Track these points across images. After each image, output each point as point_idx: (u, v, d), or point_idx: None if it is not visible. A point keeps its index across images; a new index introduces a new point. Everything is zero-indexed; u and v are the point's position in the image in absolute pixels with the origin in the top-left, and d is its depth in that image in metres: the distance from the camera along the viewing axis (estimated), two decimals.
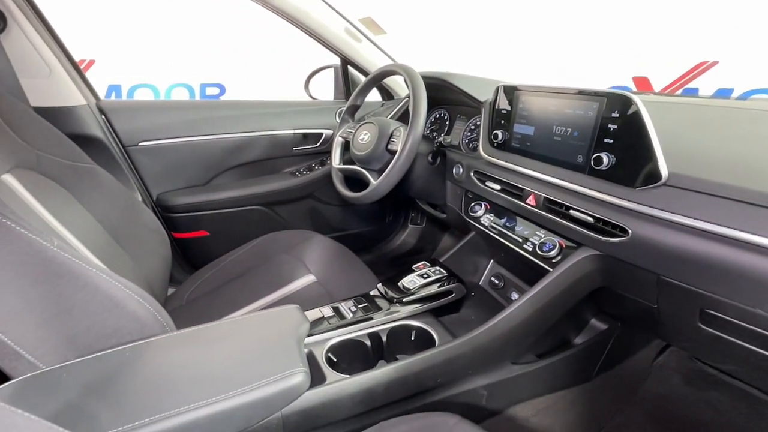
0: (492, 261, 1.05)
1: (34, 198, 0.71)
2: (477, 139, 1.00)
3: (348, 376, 0.61)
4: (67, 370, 0.53)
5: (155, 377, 0.51)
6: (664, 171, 0.56)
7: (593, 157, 0.64)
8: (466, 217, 0.99)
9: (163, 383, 0.50)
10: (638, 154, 0.59)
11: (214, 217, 1.32)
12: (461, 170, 1.00)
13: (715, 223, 0.50)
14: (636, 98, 0.59)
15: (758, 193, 0.47)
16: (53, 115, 0.95)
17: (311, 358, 0.64)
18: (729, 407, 0.91)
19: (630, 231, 0.59)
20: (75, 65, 1.12)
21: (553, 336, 0.87)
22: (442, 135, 1.12)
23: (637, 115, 0.59)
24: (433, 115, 1.28)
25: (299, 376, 0.52)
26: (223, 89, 3.70)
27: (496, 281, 1.00)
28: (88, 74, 1.16)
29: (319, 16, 1.24)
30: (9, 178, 0.68)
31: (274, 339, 0.59)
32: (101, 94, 1.21)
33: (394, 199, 1.56)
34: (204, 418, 0.46)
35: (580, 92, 0.67)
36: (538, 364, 0.82)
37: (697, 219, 0.52)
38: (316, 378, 0.60)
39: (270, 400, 0.50)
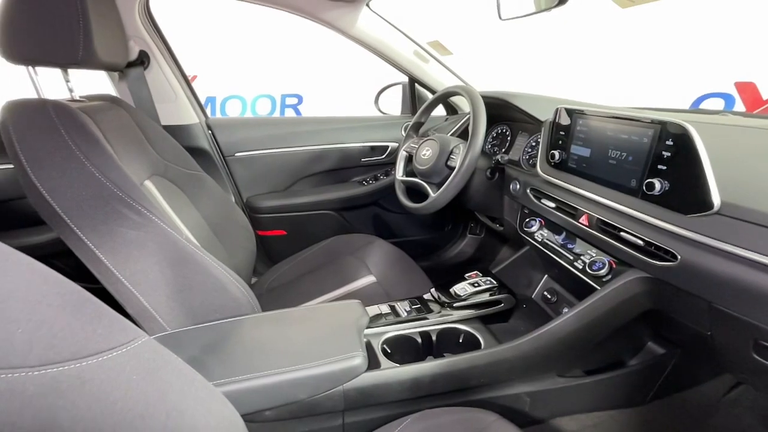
0: (546, 276, 1.07)
1: (163, 199, 0.91)
2: (536, 156, 1.03)
3: (399, 365, 0.70)
4: (185, 333, 0.69)
5: (249, 345, 0.65)
6: (716, 200, 0.57)
7: (646, 182, 0.66)
8: (520, 232, 1.03)
9: (255, 351, 0.63)
10: (691, 183, 0.60)
11: (291, 218, 1.50)
12: (518, 186, 1.05)
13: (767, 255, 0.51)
14: (690, 128, 0.60)
15: None
16: (175, 132, 1.18)
17: (369, 347, 0.74)
18: None
19: (679, 256, 0.61)
20: (192, 91, 1.37)
21: (603, 354, 0.87)
22: (500, 153, 1.17)
23: (690, 143, 0.60)
24: (495, 130, 1.33)
25: (358, 358, 0.63)
26: (300, 99, 4.05)
27: (549, 296, 1.02)
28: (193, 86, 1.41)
29: (390, 40, 1.36)
30: (149, 184, 0.89)
31: (340, 327, 0.70)
32: None
33: (454, 209, 1.63)
34: (284, 382, 0.58)
35: (636, 119, 0.70)
36: (585, 379, 0.84)
37: (749, 250, 0.53)
38: (373, 363, 0.70)
39: (334, 375, 0.61)
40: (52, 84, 0.76)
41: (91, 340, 0.35)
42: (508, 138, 1.27)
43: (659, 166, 0.65)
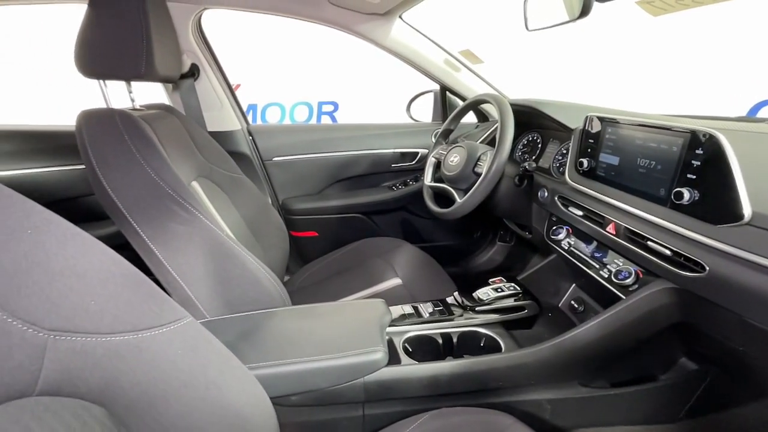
0: (574, 285, 1.06)
1: (207, 199, 0.99)
2: (566, 164, 1.03)
3: (418, 362, 0.72)
4: (223, 321, 0.75)
5: (279, 335, 0.70)
6: (747, 210, 0.56)
7: (675, 191, 0.65)
8: (547, 239, 1.02)
9: (285, 340, 0.68)
10: (721, 192, 0.59)
11: (323, 220, 1.56)
12: (546, 194, 1.04)
13: None
14: (721, 136, 0.59)
15: None
16: (220, 137, 1.28)
17: (391, 344, 0.78)
18: None
19: (707, 267, 0.60)
20: (236, 100, 1.48)
21: (631, 367, 0.85)
22: (528, 160, 1.17)
23: (721, 152, 0.59)
24: (526, 138, 1.33)
25: (379, 353, 0.66)
26: (336, 106, 4.18)
27: (576, 305, 1.01)
28: (236, 94, 1.51)
29: (422, 50, 1.40)
30: (195, 184, 0.97)
31: (363, 323, 0.74)
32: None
33: (483, 216, 1.63)
34: (309, 370, 0.63)
35: (666, 127, 0.69)
36: (611, 391, 0.82)
37: None
38: (393, 359, 0.73)
39: (356, 367, 0.65)
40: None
41: (147, 316, 0.41)
42: (539, 145, 1.27)
43: (689, 175, 0.64)
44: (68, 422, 0.33)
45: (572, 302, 1.03)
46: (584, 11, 0.80)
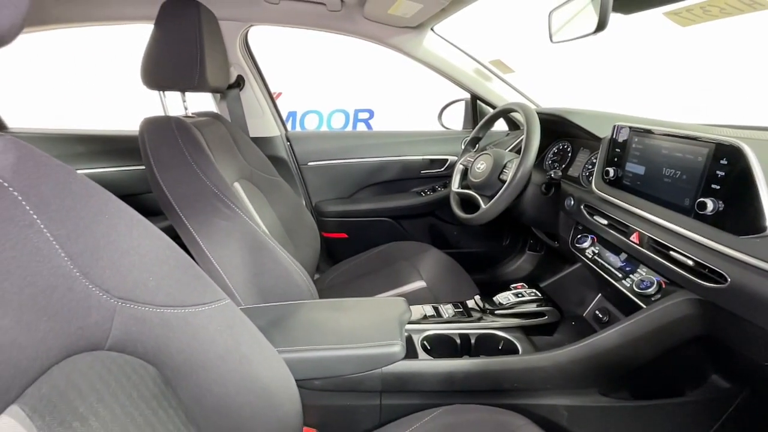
0: (600, 295, 1.05)
1: (247, 199, 1.08)
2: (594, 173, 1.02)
3: (434, 358, 0.76)
4: (256, 309, 0.82)
5: (306, 324, 0.76)
6: None
7: (698, 201, 0.65)
8: (572, 247, 1.02)
9: (311, 329, 0.74)
10: (744, 203, 0.58)
11: (353, 223, 1.63)
12: (572, 202, 1.04)
13: None
14: (746, 147, 0.59)
15: None
16: (260, 142, 1.38)
17: (410, 340, 0.81)
18: None
19: (729, 278, 0.59)
20: (276, 108, 1.58)
21: (656, 380, 0.84)
22: (554, 169, 1.17)
23: (746, 163, 0.58)
24: (557, 146, 1.33)
25: (397, 347, 0.70)
26: (372, 113, 4.29)
27: (601, 315, 1.00)
28: (277, 102, 1.62)
29: (453, 60, 1.44)
30: (237, 185, 1.07)
31: (384, 318, 0.78)
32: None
33: (512, 224, 1.62)
34: (332, 357, 0.68)
35: (691, 137, 0.69)
36: (632, 402, 0.81)
37: None
38: (411, 354, 0.76)
39: (374, 358, 0.70)
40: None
41: (193, 295, 0.48)
42: (569, 154, 1.26)
43: (713, 186, 0.64)
44: (129, 375, 0.40)
45: (597, 312, 1.01)
46: (600, 26, 0.82)
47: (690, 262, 0.66)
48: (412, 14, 1.17)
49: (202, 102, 1.30)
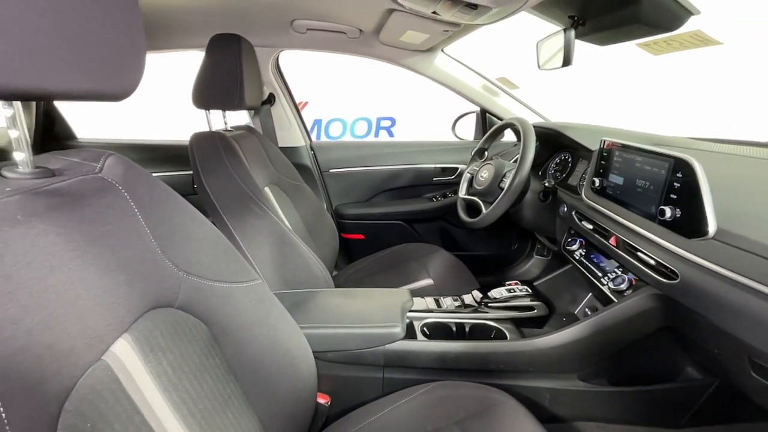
0: (590, 294, 1.14)
1: (275, 201, 1.24)
2: None
3: (429, 340, 0.88)
4: (280, 294, 0.97)
5: (323, 307, 0.90)
6: (712, 227, 0.64)
7: (660, 208, 0.75)
8: (563, 249, 1.12)
9: (326, 310, 0.88)
10: (693, 210, 0.68)
11: (369, 225, 1.77)
12: (566, 209, 1.14)
13: (753, 280, 0.58)
14: (695, 162, 0.69)
15: None
16: (287, 152, 1.55)
17: (411, 326, 0.94)
18: None
19: (680, 275, 0.69)
20: (302, 120, 1.76)
21: (630, 368, 0.92)
22: (555, 178, 1.27)
23: (694, 177, 0.68)
24: (559, 157, 1.42)
25: (397, 328, 0.83)
26: (393, 121, 4.44)
27: (590, 312, 1.08)
28: (303, 111, 1.79)
29: (462, 77, 1.57)
30: (267, 190, 1.23)
31: (389, 305, 0.92)
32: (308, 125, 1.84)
33: (520, 229, 1.72)
34: (343, 333, 0.82)
35: (656, 152, 0.79)
36: (608, 388, 0.90)
37: (737, 273, 0.60)
38: (411, 336, 0.89)
39: (378, 336, 0.83)
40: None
41: (235, 274, 0.63)
42: (569, 164, 1.36)
43: (671, 195, 0.74)
44: (190, 328, 0.55)
45: (587, 309, 1.11)
46: (566, 62, 0.96)
47: (652, 261, 0.76)
48: (421, 41, 1.31)
49: (238, 115, 1.48)
